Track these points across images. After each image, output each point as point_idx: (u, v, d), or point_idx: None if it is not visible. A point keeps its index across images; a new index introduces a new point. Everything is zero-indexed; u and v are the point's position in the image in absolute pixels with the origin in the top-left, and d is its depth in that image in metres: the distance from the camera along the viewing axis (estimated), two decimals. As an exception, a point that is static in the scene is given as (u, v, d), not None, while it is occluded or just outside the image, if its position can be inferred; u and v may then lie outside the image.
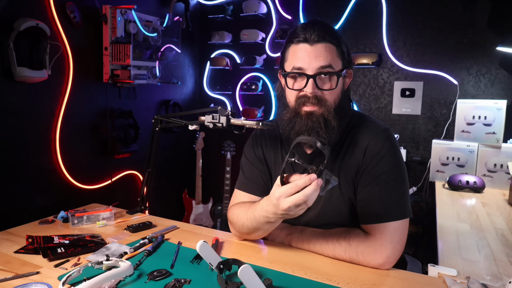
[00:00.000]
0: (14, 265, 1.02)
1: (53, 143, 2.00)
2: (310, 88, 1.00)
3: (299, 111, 1.03)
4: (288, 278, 0.96)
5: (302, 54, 1.01)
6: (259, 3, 2.74)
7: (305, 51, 1.00)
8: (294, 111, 1.04)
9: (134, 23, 2.24)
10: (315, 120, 1.01)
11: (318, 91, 1.01)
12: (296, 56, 1.02)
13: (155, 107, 2.72)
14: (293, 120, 1.04)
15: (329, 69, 1.00)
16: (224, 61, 2.93)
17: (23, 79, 1.77)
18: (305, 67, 1.00)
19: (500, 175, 2.07)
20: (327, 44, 1.00)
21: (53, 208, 1.55)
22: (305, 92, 1.01)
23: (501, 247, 1.24)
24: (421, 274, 1.01)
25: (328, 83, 1.02)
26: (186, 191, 3.00)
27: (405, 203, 1.03)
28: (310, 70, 1.00)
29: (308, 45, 1.00)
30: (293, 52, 1.03)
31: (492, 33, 2.21)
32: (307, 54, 1.00)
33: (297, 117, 1.03)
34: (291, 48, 1.04)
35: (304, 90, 1.01)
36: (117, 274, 0.91)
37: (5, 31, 1.71)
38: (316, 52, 1.00)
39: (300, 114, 1.03)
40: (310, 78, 0.99)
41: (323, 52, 1.00)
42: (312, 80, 0.99)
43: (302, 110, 1.02)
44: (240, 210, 1.10)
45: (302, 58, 1.00)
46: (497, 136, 2.08)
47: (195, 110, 1.42)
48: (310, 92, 1.00)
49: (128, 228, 1.30)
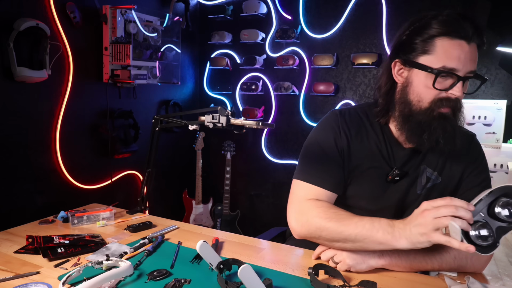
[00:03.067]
0: (14, 265, 1.02)
1: (53, 143, 2.00)
2: (459, 92, 0.90)
3: (434, 112, 0.93)
4: (288, 278, 0.96)
5: (458, 52, 0.89)
6: (259, 3, 2.74)
7: (463, 51, 0.89)
8: (428, 111, 0.94)
9: (134, 23, 2.24)
10: (452, 125, 0.94)
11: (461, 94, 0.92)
12: (451, 53, 0.89)
13: (155, 107, 2.72)
14: (427, 123, 0.93)
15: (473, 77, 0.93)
16: (224, 61, 2.93)
17: (23, 79, 1.77)
18: (459, 68, 0.89)
19: (500, 175, 2.06)
20: (477, 46, 0.91)
21: (53, 208, 1.55)
22: (448, 94, 0.91)
23: (501, 247, 1.24)
24: (421, 274, 1.01)
25: (466, 87, 0.95)
26: (186, 191, 3.00)
27: None
28: (462, 72, 0.90)
29: (465, 43, 0.89)
30: (445, 46, 0.90)
31: (492, 33, 2.20)
32: (464, 54, 0.89)
33: (432, 119, 0.93)
34: (441, 41, 0.90)
35: (449, 91, 0.91)
36: (117, 274, 0.91)
37: (5, 31, 1.70)
38: (472, 54, 0.90)
39: (435, 116, 0.93)
40: (460, 80, 0.90)
41: (475, 54, 0.91)
42: (462, 82, 0.91)
43: (438, 112, 0.93)
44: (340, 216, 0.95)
45: (458, 57, 0.89)
46: (497, 136, 2.08)
47: (195, 110, 1.42)
48: (459, 96, 0.91)
49: (128, 228, 1.30)
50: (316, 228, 0.97)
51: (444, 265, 0.96)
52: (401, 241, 0.86)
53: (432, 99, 0.93)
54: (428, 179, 1.05)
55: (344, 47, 2.62)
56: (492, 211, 0.80)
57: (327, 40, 2.65)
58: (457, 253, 0.96)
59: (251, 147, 3.01)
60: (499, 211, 0.79)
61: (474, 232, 0.78)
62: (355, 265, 0.95)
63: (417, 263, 0.96)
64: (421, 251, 0.95)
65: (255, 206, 3.08)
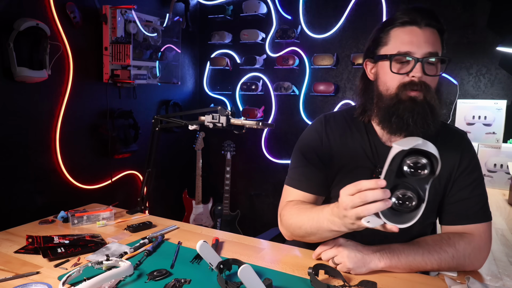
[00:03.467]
0: (14, 265, 1.02)
1: (53, 143, 2.00)
2: (419, 73, 0.93)
3: (401, 96, 0.96)
4: (288, 278, 0.96)
5: (410, 37, 0.94)
6: (259, 3, 2.74)
7: (414, 34, 0.94)
8: (396, 97, 0.97)
9: (134, 23, 2.24)
10: (421, 106, 0.95)
11: (425, 76, 0.95)
12: (403, 38, 0.95)
13: (155, 107, 2.72)
14: (396, 106, 0.95)
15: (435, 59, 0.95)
16: (224, 61, 2.93)
17: (23, 79, 1.77)
18: (413, 50, 0.94)
19: (500, 175, 2.07)
20: (435, 30, 0.96)
21: (53, 208, 1.55)
22: (410, 77, 0.95)
23: (501, 247, 1.24)
24: (421, 274, 1.01)
25: (433, 70, 0.96)
26: (186, 191, 3.00)
27: (489, 205, 1.05)
28: (419, 54, 0.94)
29: (417, 27, 0.95)
30: (398, 34, 0.96)
31: (492, 33, 2.20)
32: (416, 37, 0.94)
33: (400, 102, 0.96)
34: (394, 31, 0.97)
35: (409, 74, 0.95)
36: (117, 274, 0.91)
37: (5, 31, 1.71)
38: (426, 36, 0.94)
39: (403, 100, 0.95)
40: (418, 62, 0.93)
41: (432, 37, 0.95)
42: (420, 63, 0.93)
43: (406, 96, 0.95)
44: (300, 210, 1.02)
45: (411, 41, 0.94)
46: (497, 136, 2.08)
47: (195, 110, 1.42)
48: (418, 77, 0.94)
49: (128, 228, 1.30)
50: (290, 227, 1.05)
51: (443, 265, 0.96)
52: (342, 228, 0.88)
53: (397, 85, 0.97)
54: None
55: (344, 47, 2.62)
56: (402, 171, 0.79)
57: (327, 40, 2.65)
58: (455, 252, 0.96)
59: (251, 147, 3.01)
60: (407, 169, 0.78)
61: (394, 200, 0.77)
62: (355, 268, 0.95)
63: (416, 263, 0.96)
64: (419, 251, 0.96)
65: (255, 206, 3.08)
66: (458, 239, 0.98)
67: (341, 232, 0.92)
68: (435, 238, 1.01)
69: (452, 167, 1.05)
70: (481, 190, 1.04)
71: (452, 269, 0.99)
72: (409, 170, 0.77)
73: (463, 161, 1.05)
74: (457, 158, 1.05)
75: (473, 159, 1.06)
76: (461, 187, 1.04)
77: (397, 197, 0.77)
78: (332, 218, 0.89)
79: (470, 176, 1.04)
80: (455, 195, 1.04)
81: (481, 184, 1.05)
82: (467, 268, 0.99)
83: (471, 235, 1.00)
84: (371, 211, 0.77)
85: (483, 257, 1.00)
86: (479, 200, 1.03)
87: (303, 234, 1.02)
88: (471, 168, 1.05)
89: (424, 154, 0.77)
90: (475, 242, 0.99)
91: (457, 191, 1.04)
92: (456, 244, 0.97)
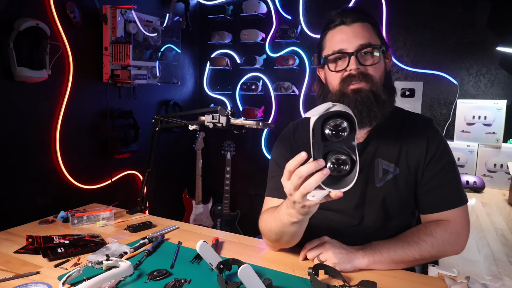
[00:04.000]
0: (14, 265, 1.02)
1: (53, 143, 2.00)
2: (354, 65, 0.98)
3: (345, 91, 1.00)
4: (288, 278, 0.96)
5: (340, 36, 1.01)
6: (259, 3, 2.74)
7: (343, 32, 1.01)
8: (340, 93, 1.00)
9: (134, 23, 2.24)
10: (364, 95, 0.98)
11: (362, 67, 0.99)
12: (334, 39, 1.02)
13: (155, 107, 2.72)
14: (340, 101, 0.98)
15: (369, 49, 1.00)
16: (224, 61, 2.93)
17: (23, 79, 1.77)
18: (345, 47, 0.99)
19: (500, 175, 2.07)
20: (363, 24, 1.01)
21: (53, 208, 1.55)
22: (348, 71, 0.99)
23: (501, 247, 1.24)
24: (421, 274, 1.01)
25: (370, 59, 1.01)
26: (186, 191, 3.00)
27: (463, 189, 1.07)
28: (351, 49, 0.99)
29: (345, 26, 1.01)
30: (330, 37, 1.03)
31: (492, 33, 2.20)
32: (345, 34, 1.00)
33: (344, 96, 0.99)
34: (328, 35, 1.04)
35: (347, 69, 0.99)
36: (117, 274, 0.91)
37: (5, 31, 1.70)
38: (354, 31, 1.00)
39: (347, 93, 0.99)
40: (351, 55, 0.98)
41: (361, 30, 1.00)
42: (354, 57, 0.98)
43: (348, 89, 0.99)
44: (269, 215, 1.04)
45: (341, 39, 1.00)
46: (497, 136, 2.08)
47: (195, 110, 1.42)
48: (354, 69, 0.98)
49: (128, 228, 1.30)
50: (265, 234, 1.06)
51: (424, 254, 0.98)
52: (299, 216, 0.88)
53: (339, 81, 1.02)
54: (385, 171, 1.06)
55: (344, 47, 2.62)
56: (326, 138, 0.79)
57: (327, 40, 2.65)
58: (433, 240, 0.98)
59: (251, 147, 3.01)
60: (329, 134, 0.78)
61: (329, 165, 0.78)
62: (340, 264, 0.96)
63: (398, 256, 0.98)
64: (399, 244, 0.99)
65: (255, 206, 3.08)
66: (434, 227, 1.01)
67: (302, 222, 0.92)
68: (413, 230, 1.04)
69: (419, 155, 1.06)
70: (453, 174, 1.05)
71: (434, 257, 1.00)
72: (332, 133, 0.78)
73: (430, 149, 1.05)
74: (423, 146, 1.06)
75: (440, 145, 1.06)
76: (431, 175, 1.05)
77: (332, 162, 0.78)
78: (288, 210, 0.90)
79: (439, 163, 1.05)
80: (427, 184, 1.05)
81: (451, 168, 1.05)
82: (449, 253, 1.01)
83: (447, 221, 1.02)
84: (312, 186, 0.77)
85: (462, 240, 1.02)
86: (451, 185, 1.04)
87: (275, 237, 1.02)
88: (439, 154, 1.05)
89: (339, 115, 0.78)
90: (452, 228, 1.01)
91: (428, 180, 1.05)
92: (433, 232, 1.00)
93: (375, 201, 1.06)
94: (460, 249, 1.02)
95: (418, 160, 1.05)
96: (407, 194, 1.07)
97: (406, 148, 1.06)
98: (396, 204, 1.07)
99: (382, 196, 1.06)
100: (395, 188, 1.05)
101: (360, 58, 0.99)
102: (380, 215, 1.07)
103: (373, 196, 1.06)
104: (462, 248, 1.02)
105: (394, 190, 1.05)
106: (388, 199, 1.06)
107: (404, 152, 1.06)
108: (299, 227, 0.95)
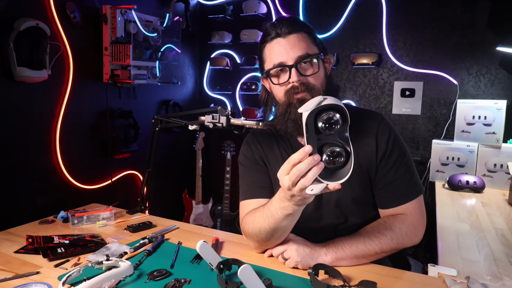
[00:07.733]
0: (14, 265, 1.02)
1: (53, 143, 2.00)
2: (295, 77, 1.01)
3: (291, 101, 1.03)
4: (288, 278, 0.96)
5: (278, 48, 1.03)
6: (259, 3, 2.74)
7: (280, 45, 1.03)
8: (286, 103, 1.04)
9: (134, 23, 2.24)
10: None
11: (303, 78, 1.02)
12: (273, 52, 1.04)
13: (155, 107, 2.72)
14: (287, 111, 1.03)
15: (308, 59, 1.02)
16: (224, 61, 2.93)
17: (23, 79, 1.77)
18: (284, 60, 1.02)
19: (500, 175, 2.07)
20: (298, 34, 1.03)
21: (53, 208, 1.55)
22: (291, 83, 1.03)
23: (501, 247, 1.24)
24: (421, 274, 1.01)
25: (310, 69, 1.03)
26: (186, 191, 3.00)
27: (418, 178, 1.10)
28: (290, 61, 1.02)
29: (281, 38, 1.03)
30: (269, 50, 1.06)
31: (492, 33, 2.20)
32: (283, 47, 1.02)
33: (290, 106, 1.03)
34: (266, 48, 1.07)
35: (289, 81, 1.02)
36: (117, 274, 0.91)
37: (5, 31, 1.71)
38: (290, 43, 1.02)
39: (293, 103, 1.03)
40: (292, 68, 1.01)
41: (297, 41, 1.02)
42: (295, 69, 1.01)
43: (294, 99, 1.03)
44: (255, 215, 1.04)
45: (279, 52, 1.03)
46: (497, 136, 2.08)
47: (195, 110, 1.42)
48: (296, 81, 1.01)
49: (128, 228, 1.30)
50: (253, 236, 1.05)
51: (385, 247, 1.01)
52: (295, 208, 0.90)
53: (283, 93, 1.05)
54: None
55: (344, 47, 2.62)
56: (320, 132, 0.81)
57: (327, 40, 2.65)
58: (392, 233, 1.02)
59: (251, 147, 3.00)
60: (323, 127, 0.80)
61: (325, 157, 0.79)
62: (303, 262, 0.98)
63: (360, 251, 1.01)
64: (361, 239, 1.02)
65: (255, 206, 3.07)
66: (392, 221, 1.04)
67: (295, 214, 0.94)
68: (373, 225, 1.07)
69: (370, 153, 1.08)
70: (405, 168, 1.07)
71: (394, 250, 1.03)
72: (325, 126, 0.79)
73: (380, 146, 1.08)
74: (373, 143, 1.08)
75: (390, 140, 1.08)
76: (384, 171, 1.07)
77: (327, 155, 0.80)
78: (282, 204, 0.91)
79: (391, 158, 1.07)
80: (381, 181, 1.08)
81: (403, 161, 1.07)
82: (407, 245, 1.04)
83: (404, 215, 1.06)
84: (311, 180, 0.79)
85: (419, 231, 1.06)
86: (404, 179, 1.07)
87: (266, 236, 1.02)
88: (390, 150, 1.07)
89: (330, 108, 0.80)
90: (408, 221, 1.04)
91: (381, 176, 1.08)
92: (392, 226, 1.03)
93: (330, 201, 1.10)
94: (418, 240, 1.06)
95: (369, 158, 1.08)
96: (362, 191, 1.09)
97: (356, 147, 1.07)
98: (351, 203, 1.09)
99: (336, 196, 1.09)
100: (349, 188, 1.08)
101: (300, 69, 1.02)
102: (338, 214, 1.11)
103: (328, 197, 1.10)
104: (420, 238, 1.06)
105: (348, 190, 1.08)
106: (342, 199, 1.09)
107: (355, 151, 1.06)
108: (291, 220, 0.97)
